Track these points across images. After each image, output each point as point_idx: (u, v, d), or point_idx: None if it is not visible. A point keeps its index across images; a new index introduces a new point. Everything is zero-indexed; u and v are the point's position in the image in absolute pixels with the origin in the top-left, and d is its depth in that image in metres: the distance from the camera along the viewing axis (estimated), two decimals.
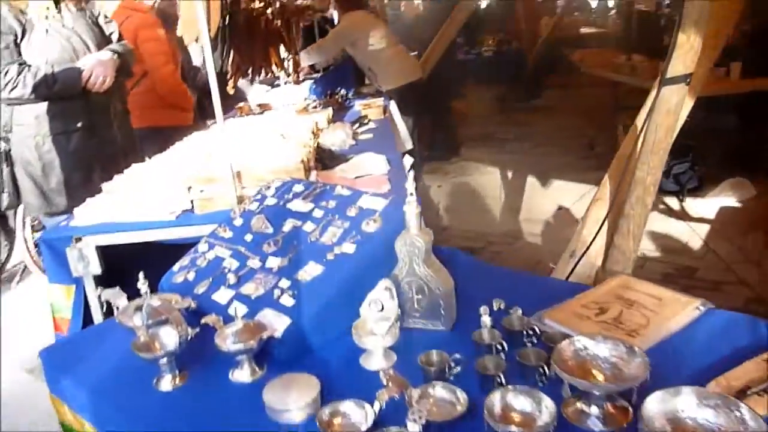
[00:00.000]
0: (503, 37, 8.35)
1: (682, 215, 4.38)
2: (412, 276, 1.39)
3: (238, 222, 1.78)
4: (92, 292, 2.09)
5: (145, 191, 2.19)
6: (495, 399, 1.03)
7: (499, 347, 1.22)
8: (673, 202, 4.62)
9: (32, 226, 3.86)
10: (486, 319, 1.27)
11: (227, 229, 1.77)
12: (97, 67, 2.62)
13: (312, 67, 5.00)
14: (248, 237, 1.69)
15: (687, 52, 1.81)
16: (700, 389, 0.95)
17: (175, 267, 1.71)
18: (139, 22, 3.34)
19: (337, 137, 2.95)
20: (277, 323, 1.33)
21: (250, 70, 3.15)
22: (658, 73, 5.10)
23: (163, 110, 3.64)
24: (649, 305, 1.35)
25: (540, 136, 6.87)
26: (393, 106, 4.25)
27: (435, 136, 6.00)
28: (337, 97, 4.31)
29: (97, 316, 2.11)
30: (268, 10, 3.40)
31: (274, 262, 1.54)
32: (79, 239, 2.06)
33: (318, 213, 1.67)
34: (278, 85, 4.73)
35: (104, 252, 2.10)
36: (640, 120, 1.97)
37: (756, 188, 4.46)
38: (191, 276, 1.63)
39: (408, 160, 1.48)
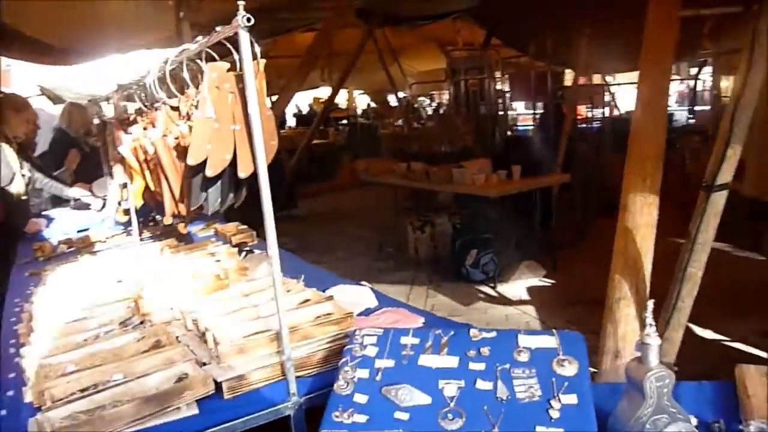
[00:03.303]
0: None
1: (503, 300, 4.90)
2: (660, 413, 1.27)
3: (361, 398, 1.37)
4: None
5: (136, 380, 1.52)
6: None
7: None
8: (486, 290, 5.15)
9: None
10: None
11: (352, 412, 1.34)
12: None
13: None
14: (401, 415, 1.31)
15: (732, 164, 2.15)
16: None
17: None
18: None
19: (263, 272, 2.54)
20: None
21: None
22: (443, 176, 5.57)
23: None
24: None
25: (322, 243, 6.95)
26: None
27: None
28: (178, 225, 3.71)
29: None
30: None
31: None
32: None
33: (477, 366, 1.40)
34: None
35: None
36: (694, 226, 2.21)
37: (543, 267, 5.30)
38: None
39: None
